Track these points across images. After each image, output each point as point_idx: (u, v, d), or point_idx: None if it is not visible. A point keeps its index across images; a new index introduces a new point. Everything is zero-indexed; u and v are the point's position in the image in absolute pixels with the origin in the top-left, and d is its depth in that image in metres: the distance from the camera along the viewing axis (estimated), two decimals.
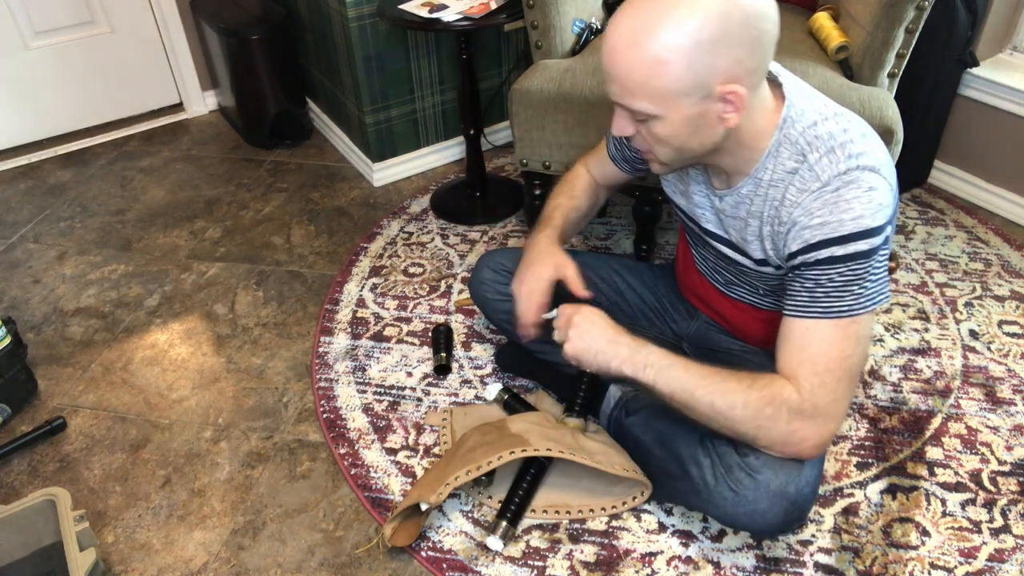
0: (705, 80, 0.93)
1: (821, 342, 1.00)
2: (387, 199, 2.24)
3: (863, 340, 1.01)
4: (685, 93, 0.94)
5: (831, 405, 1.01)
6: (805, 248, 1.00)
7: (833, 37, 1.60)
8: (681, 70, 0.92)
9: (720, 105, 0.96)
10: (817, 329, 1.01)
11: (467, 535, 1.31)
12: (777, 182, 1.03)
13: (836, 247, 0.98)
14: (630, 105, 0.98)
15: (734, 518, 1.16)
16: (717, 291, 1.31)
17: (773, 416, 1.02)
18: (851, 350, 1.00)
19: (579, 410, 1.37)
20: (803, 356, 1.01)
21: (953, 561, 1.25)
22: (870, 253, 0.97)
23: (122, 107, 2.67)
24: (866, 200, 0.96)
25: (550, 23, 1.67)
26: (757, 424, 1.03)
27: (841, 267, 0.98)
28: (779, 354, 1.05)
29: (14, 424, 1.58)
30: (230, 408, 1.59)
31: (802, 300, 1.02)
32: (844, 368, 1.00)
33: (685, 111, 0.96)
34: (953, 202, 2.10)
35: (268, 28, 2.31)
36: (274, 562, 1.30)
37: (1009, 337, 1.67)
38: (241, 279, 1.95)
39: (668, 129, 0.99)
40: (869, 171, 0.98)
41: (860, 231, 0.96)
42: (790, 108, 1.02)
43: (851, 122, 1.02)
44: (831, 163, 0.98)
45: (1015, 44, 2.06)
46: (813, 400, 1.00)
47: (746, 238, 1.12)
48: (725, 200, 1.12)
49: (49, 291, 1.95)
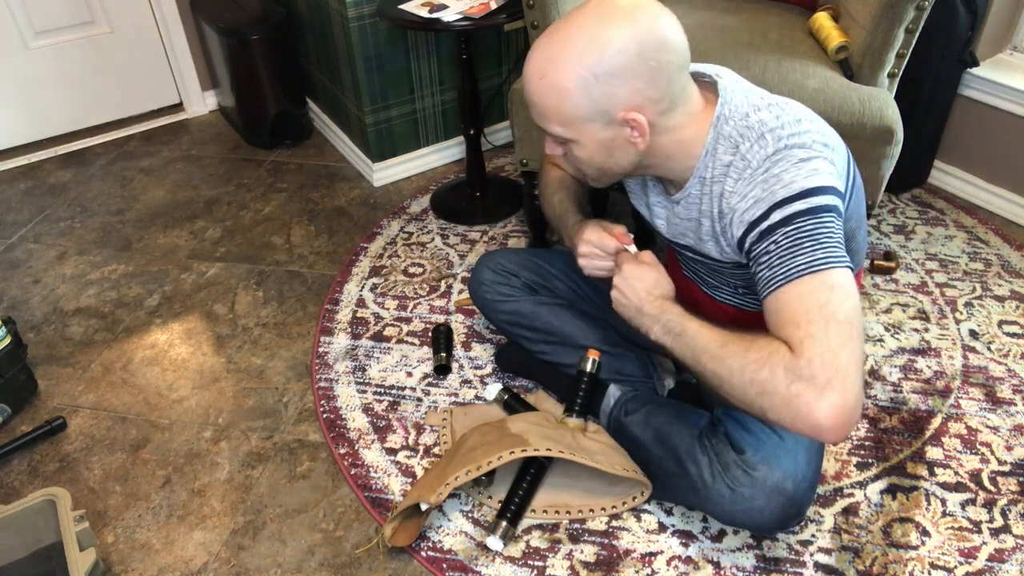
0: (606, 108, 0.99)
1: (793, 302, 0.95)
2: (387, 199, 2.24)
3: (839, 288, 0.93)
4: (589, 119, 1.01)
5: (827, 356, 0.90)
6: (747, 228, 1.00)
7: (833, 37, 1.60)
8: (581, 99, 0.98)
9: (627, 130, 1.01)
10: (786, 294, 0.95)
11: (467, 535, 1.31)
12: (718, 177, 1.05)
13: (774, 213, 0.97)
14: (548, 129, 1.05)
15: (732, 515, 1.17)
16: (704, 295, 1.31)
17: (770, 379, 0.93)
18: (826, 297, 0.93)
19: (579, 410, 1.37)
20: (783, 320, 0.95)
21: (953, 561, 1.25)
22: (813, 211, 0.95)
23: (122, 107, 2.67)
24: (795, 170, 0.96)
25: (550, 23, 1.67)
26: (757, 391, 0.95)
27: (784, 229, 0.96)
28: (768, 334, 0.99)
29: (14, 424, 1.58)
30: (230, 408, 1.59)
31: (764, 278, 0.98)
32: (825, 315, 0.92)
33: (595, 135, 1.02)
34: (953, 202, 2.10)
35: (268, 28, 2.31)
36: (274, 562, 1.30)
37: (1009, 337, 1.67)
38: (241, 279, 1.95)
39: (584, 152, 1.05)
40: (798, 147, 0.98)
41: (794, 193, 0.96)
42: (723, 106, 1.03)
43: (785, 109, 1.02)
44: (761, 148, 0.99)
45: (1015, 44, 2.06)
46: (807, 356, 0.91)
47: (701, 238, 1.13)
48: (680, 204, 1.14)
49: (49, 291, 1.95)
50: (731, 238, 1.05)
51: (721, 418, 1.22)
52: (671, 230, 1.20)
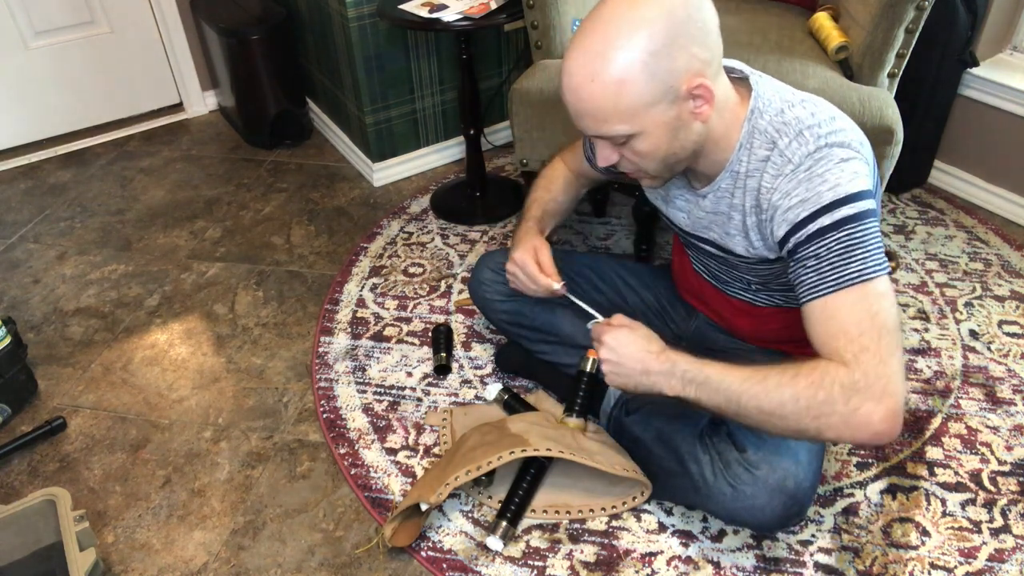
0: (670, 83, 0.95)
1: (844, 311, 0.96)
2: (387, 199, 2.24)
3: (886, 296, 0.95)
4: (655, 103, 0.96)
5: (880, 368, 0.92)
6: (792, 229, 1.00)
7: (833, 37, 1.60)
8: (644, 84, 0.94)
9: (690, 103, 0.98)
10: (835, 301, 0.96)
11: (467, 535, 1.31)
12: (753, 172, 1.04)
13: (823, 217, 0.97)
14: (607, 132, 0.99)
15: (733, 513, 1.17)
16: (714, 290, 1.31)
17: (828, 400, 0.93)
18: (877, 306, 0.94)
19: (579, 410, 1.37)
20: (833, 331, 0.96)
21: (953, 561, 1.25)
22: (859, 217, 0.96)
23: (122, 107, 2.67)
24: (838, 171, 0.97)
25: (550, 23, 1.67)
26: (814, 415, 0.94)
27: (834, 235, 0.97)
28: (813, 343, 1.00)
29: (14, 424, 1.58)
30: (230, 408, 1.59)
31: (811, 281, 0.99)
32: (877, 325, 0.94)
33: (660, 119, 0.97)
34: (953, 202, 2.10)
35: (268, 28, 2.31)
36: (274, 562, 1.30)
37: (1009, 337, 1.67)
38: (241, 279, 1.95)
39: (649, 142, 1.00)
40: (838, 146, 0.98)
41: (841, 197, 0.96)
42: (756, 99, 1.04)
43: (818, 106, 1.03)
44: (800, 145, 0.99)
45: (1015, 44, 2.06)
46: (862, 369, 0.92)
47: (728, 232, 1.13)
48: (707, 198, 1.13)
49: (49, 291, 1.95)
50: (770, 234, 1.05)
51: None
52: (694, 224, 1.19)
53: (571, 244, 2.00)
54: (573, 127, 1.65)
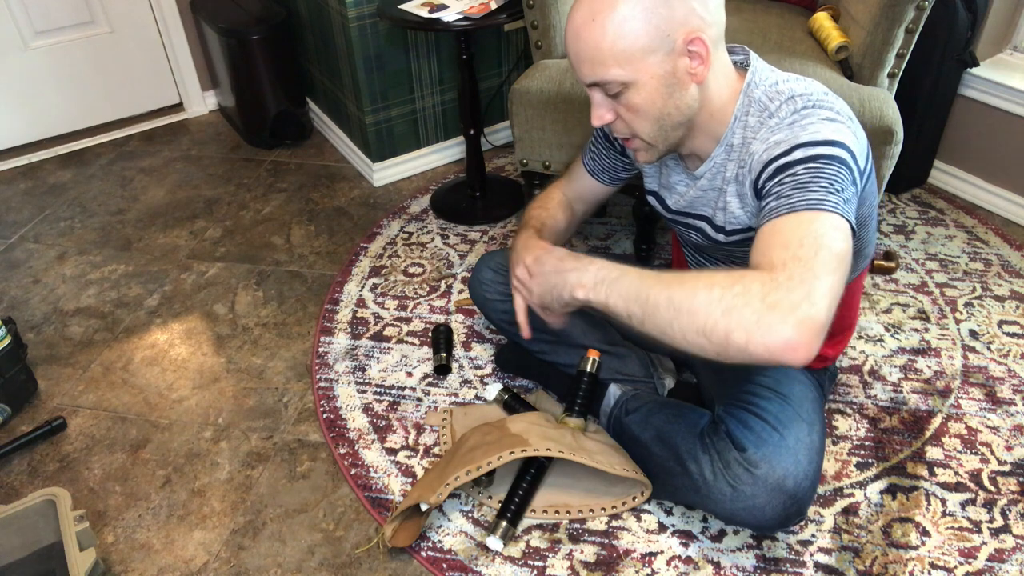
0: (666, 32, 0.97)
1: (789, 228, 0.91)
2: (387, 199, 2.24)
3: (840, 230, 0.90)
4: (651, 50, 0.98)
5: (809, 276, 0.85)
6: (766, 165, 1.00)
7: (833, 37, 1.60)
8: (641, 26, 0.96)
9: (686, 60, 1.00)
10: (786, 221, 0.92)
11: (467, 535, 1.31)
12: (747, 141, 1.06)
13: (796, 151, 0.96)
14: (602, 78, 1.01)
15: (733, 514, 1.17)
16: None
17: (744, 292, 0.86)
18: (824, 230, 0.89)
19: (579, 410, 1.37)
20: (773, 243, 0.91)
21: (953, 561, 1.25)
22: (830, 158, 0.94)
23: (122, 107, 2.67)
24: (821, 125, 0.98)
25: (550, 23, 1.67)
26: (726, 307, 0.87)
27: (801, 167, 0.95)
28: (751, 258, 0.94)
29: (14, 424, 1.58)
30: (230, 408, 1.59)
31: (770, 207, 0.95)
32: (819, 243, 0.87)
33: (655, 69, 0.99)
34: (953, 202, 2.10)
35: (268, 28, 2.31)
36: (274, 562, 1.30)
37: (1009, 337, 1.67)
38: (241, 279, 1.95)
39: (643, 95, 1.01)
40: (826, 109, 1.00)
41: (819, 140, 0.96)
42: (753, 74, 1.06)
43: (812, 84, 1.05)
44: (790, 105, 1.02)
45: (1015, 44, 2.06)
46: (788, 272, 0.86)
47: (720, 207, 1.14)
48: (703, 177, 1.14)
49: (49, 291, 1.95)
50: (749, 187, 1.05)
51: (722, 416, 1.22)
52: (690, 203, 1.20)
53: (571, 244, 2.00)
54: (574, 127, 1.67)
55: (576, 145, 1.68)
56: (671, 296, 0.92)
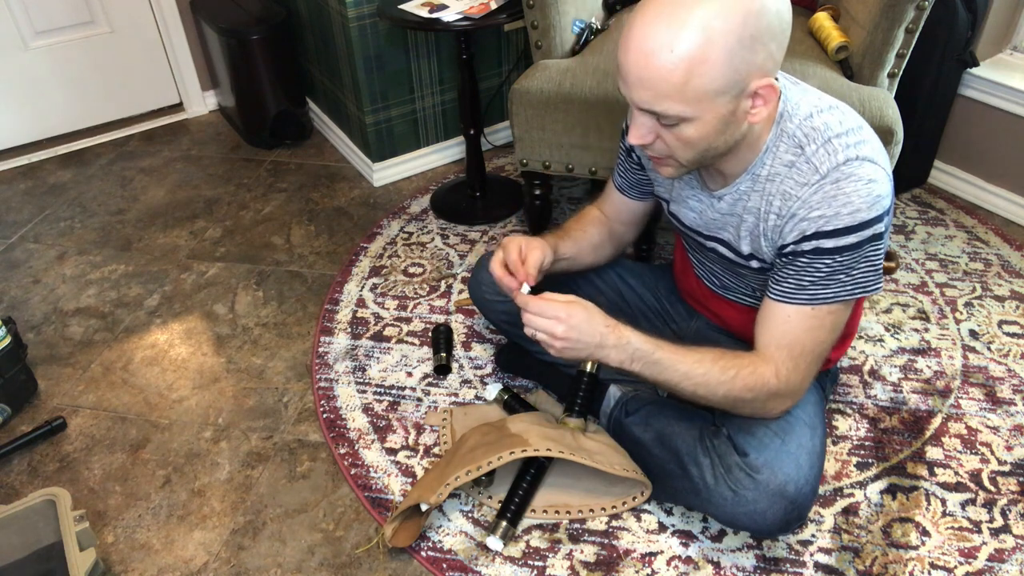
0: (743, 77, 0.90)
1: (801, 329, 1.05)
2: (387, 199, 2.24)
3: (837, 328, 1.07)
4: (722, 92, 0.91)
5: (800, 384, 1.09)
6: (799, 239, 1.02)
7: (833, 37, 1.60)
8: (720, 71, 0.89)
9: (749, 101, 0.95)
10: (798, 316, 1.05)
11: (467, 535, 1.31)
12: (774, 176, 1.04)
13: (827, 240, 0.99)
14: (662, 111, 0.93)
15: (734, 518, 1.16)
16: (715, 295, 1.31)
17: (752, 400, 1.09)
18: (825, 337, 1.06)
19: (579, 410, 1.37)
20: (783, 341, 1.07)
21: (953, 561, 1.25)
22: (859, 245, 0.99)
23: (122, 107, 2.67)
24: (865, 193, 0.97)
25: (550, 23, 1.67)
26: (734, 403, 1.10)
27: (829, 259, 1.00)
28: (759, 333, 1.09)
29: (14, 424, 1.58)
30: (230, 408, 1.59)
31: (788, 287, 1.05)
32: (816, 353, 1.07)
33: (719, 111, 0.93)
34: (953, 202, 2.10)
35: (268, 28, 2.31)
36: (274, 562, 1.30)
37: (1009, 337, 1.67)
38: (241, 279, 1.95)
39: (699, 131, 0.95)
40: (868, 162, 0.98)
41: (855, 224, 0.98)
42: (785, 103, 1.03)
43: (846, 114, 1.03)
44: (828, 154, 0.99)
45: (1015, 44, 2.06)
46: (788, 383, 1.07)
47: (740, 235, 1.12)
48: (724, 199, 1.12)
49: (49, 291, 1.95)
50: (778, 237, 1.05)
51: (723, 420, 1.22)
52: (706, 224, 1.18)
53: None
54: (574, 127, 1.67)
55: (576, 145, 1.68)
56: (695, 391, 1.09)
